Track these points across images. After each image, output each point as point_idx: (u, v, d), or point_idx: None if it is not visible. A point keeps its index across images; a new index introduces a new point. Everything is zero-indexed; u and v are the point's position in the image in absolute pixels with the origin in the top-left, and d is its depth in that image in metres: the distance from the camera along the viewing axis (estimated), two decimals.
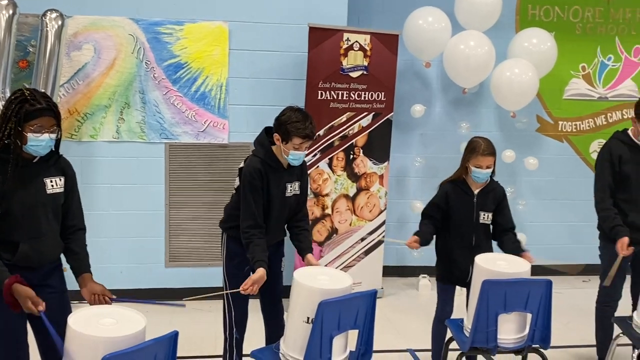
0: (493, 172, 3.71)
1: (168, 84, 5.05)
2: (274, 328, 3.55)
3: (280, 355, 2.99)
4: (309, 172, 4.99)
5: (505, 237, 3.75)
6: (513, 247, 3.66)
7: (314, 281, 2.93)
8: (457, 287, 3.91)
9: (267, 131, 3.44)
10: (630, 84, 6.13)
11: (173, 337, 2.40)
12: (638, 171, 3.81)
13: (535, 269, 3.45)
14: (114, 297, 2.92)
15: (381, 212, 5.46)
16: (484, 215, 3.74)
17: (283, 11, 5.13)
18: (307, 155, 3.44)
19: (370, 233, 5.43)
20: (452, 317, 3.79)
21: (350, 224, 5.30)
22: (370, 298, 2.98)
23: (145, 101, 5.05)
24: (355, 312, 2.92)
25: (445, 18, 5.40)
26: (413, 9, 5.46)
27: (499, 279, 3.16)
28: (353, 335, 3.00)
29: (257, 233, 3.30)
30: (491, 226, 3.80)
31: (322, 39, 4.89)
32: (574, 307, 5.29)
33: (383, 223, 5.49)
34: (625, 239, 3.72)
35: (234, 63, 5.14)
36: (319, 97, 4.96)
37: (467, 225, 3.73)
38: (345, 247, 5.31)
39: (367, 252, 5.43)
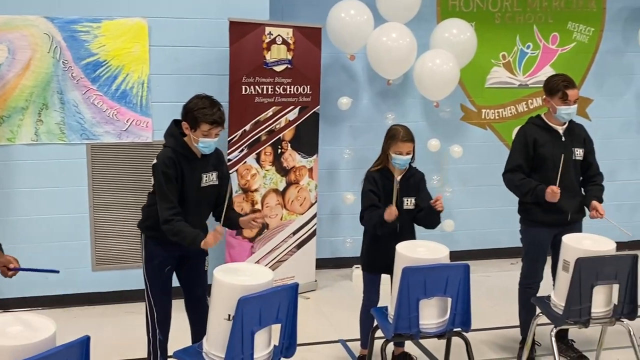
0: (413, 158, 3.77)
1: (87, 83, 4.92)
2: (199, 327, 3.51)
3: (204, 354, 2.97)
4: (236, 167, 4.97)
5: (420, 215, 3.83)
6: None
7: (233, 278, 2.92)
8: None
9: (177, 123, 3.40)
10: (549, 71, 6.31)
11: (85, 342, 2.35)
12: (554, 153, 3.93)
13: (461, 254, 3.53)
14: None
15: (312, 205, 5.48)
16: (407, 201, 3.80)
17: (203, 6, 5.06)
18: (234, 150, 3.43)
19: (302, 226, 5.44)
20: (380, 305, 3.84)
21: (281, 219, 5.30)
22: (291, 291, 2.99)
23: (64, 101, 4.90)
24: (276, 306, 2.92)
25: (368, 10, 5.45)
26: (337, 1, 5.49)
27: (418, 266, 3.22)
28: (277, 329, 3.01)
29: (178, 219, 3.25)
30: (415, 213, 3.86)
31: (243, 34, 4.85)
32: (501, 289, 5.44)
33: (314, 216, 5.51)
34: (551, 186, 3.79)
35: (155, 59, 5.05)
36: (243, 92, 4.93)
37: None
38: (277, 242, 5.30)
39: (299, 246, 5.44)
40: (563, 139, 3.95)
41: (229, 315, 2.82)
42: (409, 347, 4.18)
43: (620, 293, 3.46)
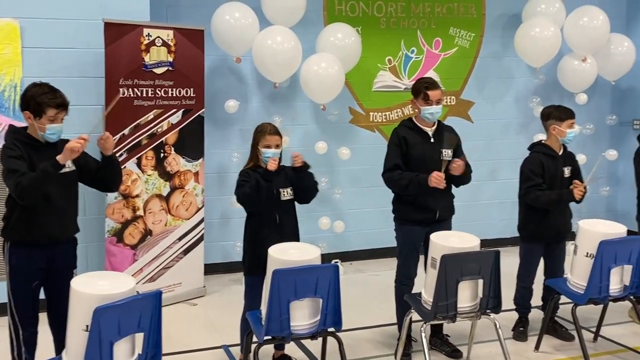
0: (280, 158, 3.82)
1: None
2: (63, 343, 3.37)
3: None
4: None
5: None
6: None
7: (90, 287, 2.82)
8: None
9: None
10: (433, 75, 6.52)
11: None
12: (424, 152, 4.06)
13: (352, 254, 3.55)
14: None
15: (199, 209, 5.40)
16: (284, 192, 3.83)
17: (80, 6, 4.89)
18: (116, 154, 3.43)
19: (188, 232, 5.35)
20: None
21: (165, 224, 5.19)
22: (154, 299, 2.92)
23: None
24: (137, 315, 2.84)
25: (253, 13, 5.44)
26: (222, 3, 5.45)
27: (288, 268, 3.23)
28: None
29: (25, 174, 3.15)
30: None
31: (119, 35, 4.73)
32: (390, 287, 5.54)
33: (202, 221, 5.44)
34: (435, 172, 3.91)
35: (28, 62, 4.83)
36: (121, 95, 4.79)
37: (270, 202, 3.79)
38: (162, 248, 5.19)
39: (186, 252, 5.34)
40: (432, 140, 4.08)
41: (87, 326, 2.72)
42: (292, 349, 4.19)
43: (485, 288, 3.61)
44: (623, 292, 3.95)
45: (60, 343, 3.43)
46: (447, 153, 4.07)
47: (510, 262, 3.65)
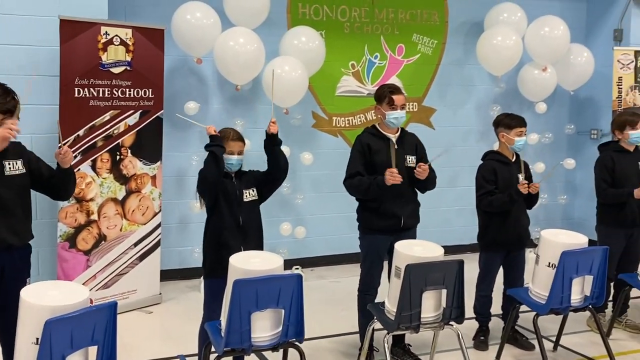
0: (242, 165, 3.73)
1: None
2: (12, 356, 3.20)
3: None
4: None
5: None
6: None
7: (41, 298, 2.67)
8: None
9: None
10: (396, 81, 6.51)
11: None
12: (387, 159, 4.01)
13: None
14: None
15: (156, 214, 5.25)
16: (247, 192, 3.73)
17: (34, 2, 4.70)
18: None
19: (145, 237, 5.19)
20: None
21: (120, 229, 5.02)
22: (109, 311, 2.78)
23: None
24: (91, 327, 2.70)
25: (214, 14, 5.33)
26: (183, 2, 5.32)
27: (250, 278, 3.13)
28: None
29: None
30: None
31: (75, 33, 4.56)
32: (351, 294, 5.47)
33: (158, 226, 5.28)
34: (389, 169, 3.87)
35: None
36: (77, 95, 4.62)
37: (233, 205, 3.68)
38: (116, 254, 5.02)
39: (142, 257, 5.18)
40: (396, 146, 4.04)
41: (37, 339, 2.58)
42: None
43: (448, 298, 3.57)
44: (584, 302, 3.97)
45: (8, 356, 3.25)
46: (411, 159, 4.04)
47: (469, 268, 3.64)
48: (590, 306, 4.01)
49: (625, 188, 4.53)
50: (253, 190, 3.79)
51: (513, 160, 4.37)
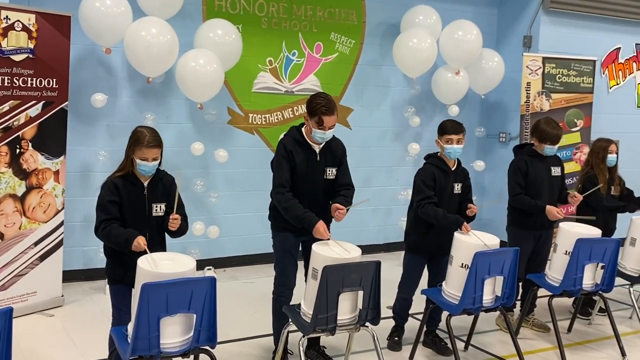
0: (160, 162, 3.50)
1: None
2: None
3: None
4: None
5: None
6: None
7: None
8: None
9: None
10: (313, 79, 6.47)
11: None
12: (308, 167, 3.91)
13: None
14: None
15: (58, 212, 4.94)
16: (157, 207, 3.52)
17: None
18: None
19: (46, 236, 4.87)
20: None
21: (19, 227, 4.69)
22: (4, 317, 2.55)
23: None
24: None
25: (125, 2, 5.08)
26: None
27: (159, 281, 2.97)
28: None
29: None
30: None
31: None
32: (265, 295, 5.36)
33: (61, 224, 4.98)
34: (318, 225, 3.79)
35: None
36: None
37: (140, 219, 3.46)
38: (15, 254, 4.69)
39: (43, 257, 4.86)
40: (318, 158, 3.93)
41: None
42: None
43: (365, 299, 3.53)
44: (495, 302, 4.04)
45: None
46: (331, 172, 3.96)
47: (384, 267, 3.61)
48: (500, 306, 4.09)
49: (538, 201, 4.60)
50: (164, 205, 3.53)
51: (453, 169, 4.36)
